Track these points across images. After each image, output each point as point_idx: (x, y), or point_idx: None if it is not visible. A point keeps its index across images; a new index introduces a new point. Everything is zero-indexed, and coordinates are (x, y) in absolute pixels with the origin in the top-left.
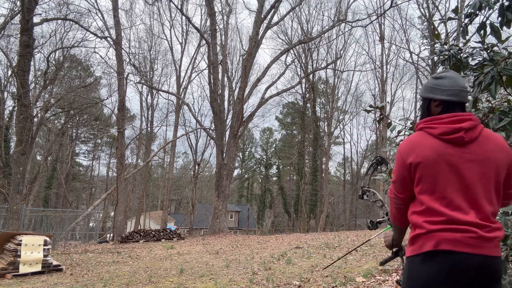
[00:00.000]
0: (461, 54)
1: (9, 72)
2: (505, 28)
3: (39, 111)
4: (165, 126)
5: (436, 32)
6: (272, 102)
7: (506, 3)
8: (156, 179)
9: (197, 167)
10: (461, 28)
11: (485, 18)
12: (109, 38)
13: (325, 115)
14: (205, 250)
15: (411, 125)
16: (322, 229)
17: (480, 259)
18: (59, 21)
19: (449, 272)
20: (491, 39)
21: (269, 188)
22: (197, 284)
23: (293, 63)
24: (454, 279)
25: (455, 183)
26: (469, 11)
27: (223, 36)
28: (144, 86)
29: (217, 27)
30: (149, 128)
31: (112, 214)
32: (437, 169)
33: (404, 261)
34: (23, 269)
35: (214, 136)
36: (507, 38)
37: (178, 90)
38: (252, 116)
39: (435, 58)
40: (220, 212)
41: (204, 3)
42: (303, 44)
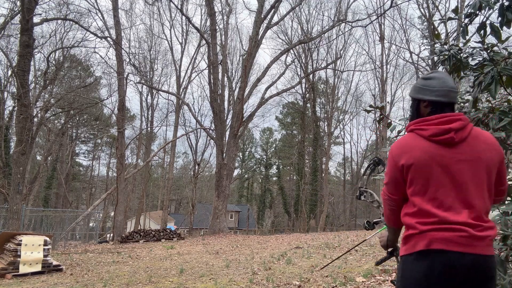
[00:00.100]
0: (461, 54)
1: (9, 72)
2: (505, 28)
3: (39, 111)
4: (165, 126)
5: (436, 32)
6: (272, 102)
7: (506, 3)
8: (156, 179)
9: (197, 167)
10: (461, 28)
11: (485, 18)
12: (109, 38)
13: (325, 115)
14: (205, 250)
15: None
16: (322, 229)
17: (472, 258)
18: (59, 21)
19: (441, 271)
20: (491, 39)
21: (269, 188)
22: (197, 284)
23: (293, 63)
24: (447, 277)
25: (447, 184)
26: (469, 11)
27: (223, 36)
28: (144, 86)
29: (217, 27)
30: (149, 128)
31: (112, 214)
32: (428, 170)
33: (398, 260)
34: (23, 269)
35: (214, 136)
36: (507, 38)
37: (178, 90)
38: (252, 116)
39: (435, 58)
40: (220, 212)
41: (204, 3)
42: (303, 44)
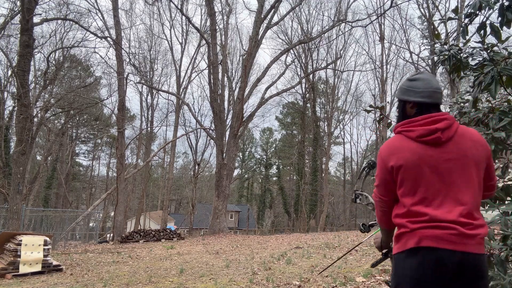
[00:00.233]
0: (461, 54)
1: (9, 72)
2: (505, 28)
3: (39, 111)
4: (165, 126)
5: (436, 32)
6: (272, 102)
7: (506, 3)
8: (156, 179)
9: (197, 167)
10: (461, 28)
11: (485, 18)
12: (109, 38)
13: (325, 115)
14: (205, 250)
15: None
16: (322, 229)
17: (462, 256)
18: (59, 21)
19: (432, 268)
20: (491, 39)
21: (269, 188)
22: (197, 284)
23: (293, 63)
24: (437, 275)
25: (436, 183)
26: (469, 11)
27: (223, 36)
28: (144, 86)
29: (217, 27)
30: (149, 128)
31: (112, 214)
32: (418, 171)
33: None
34: (23, 269)
35: (214, 136)
36: (507, 38)
37: (178, 90)
38: (252, 116)
39: (435, 58)
40: (220, 212)
41: (204, 3)
42: (303, 44)
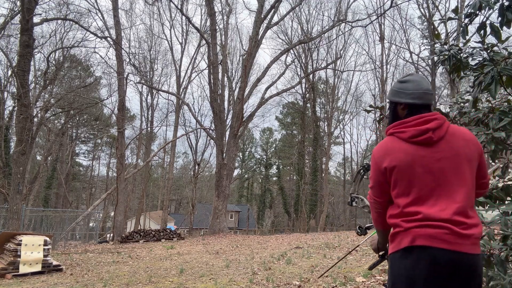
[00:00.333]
0: (461, 54)
1: (9, 72)
2: (505, 28)
3: (39, 111)
4: (165, 126)
5: (436, 32)
6: (272, 102)
7: (506, 3)
8: (156, 179)
9: (197, 167)
10: (461, 28)
11: (485, 18)
12: (109, 38)
13: (325, 115)
14: (205, 250)
15: None
16: (322, 229)
17: (456, 255)
18: (59, 21)
19: (426, 267)
20: (491, 39)
21: (269, 188)
22: (197, 284)
23: (293, 63)
24: (432, 274)
25: (430, 183)
26: (469, 11)
27: (223, 36)
28: (144, 86)
29: (217, 27)
30: (149, 128)
31: (112, 214)
32: (411, 171)
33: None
34: (23, 269)
35: (214, 136)
36: (507, 38)
37: (178, 90)
38: (252, 116)
39: (435, 58)
40: (220, 212)
41: (204, 3)
42: (303, 44)
